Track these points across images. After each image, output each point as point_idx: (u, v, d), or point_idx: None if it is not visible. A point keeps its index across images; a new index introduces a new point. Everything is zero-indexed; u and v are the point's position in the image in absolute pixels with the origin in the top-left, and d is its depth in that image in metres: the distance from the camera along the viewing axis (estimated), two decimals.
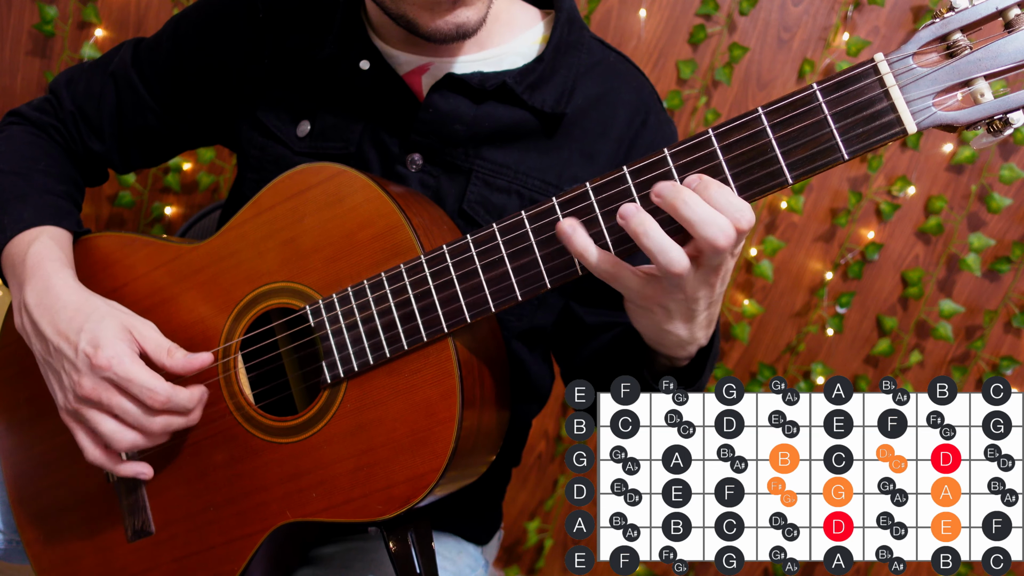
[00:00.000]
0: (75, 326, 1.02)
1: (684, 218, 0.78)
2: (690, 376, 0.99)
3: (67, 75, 1.30)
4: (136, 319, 1.04)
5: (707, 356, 0.98)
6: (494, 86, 1.09)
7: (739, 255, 2.01)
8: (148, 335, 1.02)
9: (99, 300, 1.06)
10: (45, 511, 1.17)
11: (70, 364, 1.01)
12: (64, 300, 1.04)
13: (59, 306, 1.04)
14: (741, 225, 0.78)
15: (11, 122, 1.29)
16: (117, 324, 1.02)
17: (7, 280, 1.14)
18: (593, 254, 0.84)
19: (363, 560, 1.19)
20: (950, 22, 0.77)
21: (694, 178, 0.80)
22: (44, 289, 1.06)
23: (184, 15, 1.27)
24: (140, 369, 0.99)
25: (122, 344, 1.00)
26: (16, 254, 1.11)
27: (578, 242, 0.84)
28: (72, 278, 1.08)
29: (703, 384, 1.00)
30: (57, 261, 1.09)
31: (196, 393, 1.03)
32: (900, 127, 0.77)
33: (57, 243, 1.12)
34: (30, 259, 1.09)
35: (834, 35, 1.92)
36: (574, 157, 1.13)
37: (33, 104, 1.30)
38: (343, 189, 1.00)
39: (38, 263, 1.08)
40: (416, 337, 0.95)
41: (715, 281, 0.84)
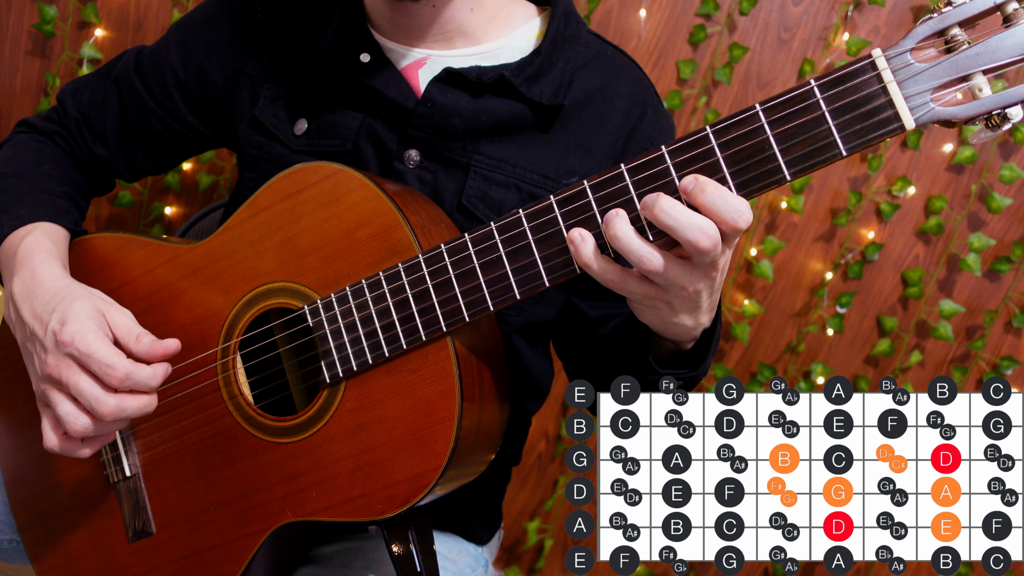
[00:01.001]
0: (49, 308, 1.00)
1: (664, 224, 0.80)
2: (695, 358, 1.00)
3: (74, 85, 1.32)
4: (113, 305, 1.03)
5: (711, 337, 0.99)
6: (492, 79, 1.09)
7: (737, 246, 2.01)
8: (120, 321, 1.00)
9: (80, 287, 1.05)
10: (46, 512, 1.18)
11: (40, 345, 1.00)
12: (45, 286, 1.04)
13: (40, 291, 1.03)
14: (739, 224, 0.79)
15: (19, 131, 1.31)
16: (89, 305, 1.00)
17: (3, 276, 1.14)
18: (599, 266, 0.85)
19: (363, 559, 1.19)
20: (948, 17, 0.76)
21: (690, 179, 0.80)
22: (29, 277, 1.05)
23: (183, 21, 1.29)
24: (101, 345, 0.97)
25: (89, 321, 0.98)
26: (10, 248, 1.11)
27: (584, 254, 0.85)
28: (59, 268, 1.08)
29: (707, 366, 1.02)
30: (46, 252, 1.09)
31: (158, 371, 0.99)
32: (898, 123, 0.77)
33: (50, 237, 1.12)
34: (21, 251, 1.09)
35: (834, 35, 1.92)
36: (572, 150, 1.13)
37: (42, 115, 1.32)
38: (340, 188, 1.00)
39: (28, 254, 1.08)
40: (415, 336, 0.95)
41: (714, 274, 0.85)
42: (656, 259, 0.82)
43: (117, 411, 0.97)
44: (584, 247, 0.84)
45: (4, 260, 1.12)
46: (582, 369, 1.20)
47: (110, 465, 1.13)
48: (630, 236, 0.82)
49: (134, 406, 0.98)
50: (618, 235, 0.82)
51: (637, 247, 0.82)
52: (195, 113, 1.27)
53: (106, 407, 0.96)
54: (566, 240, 0.87)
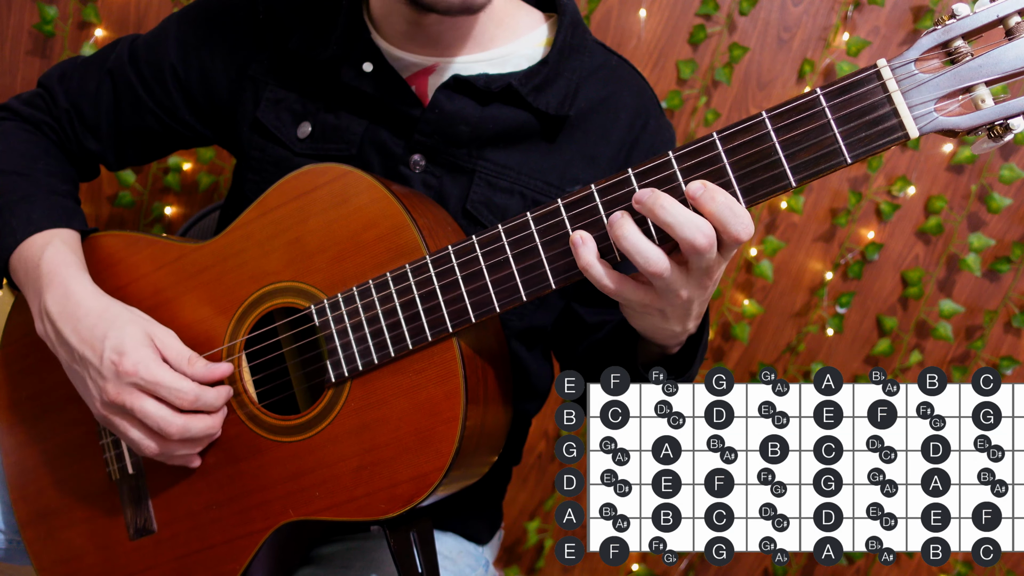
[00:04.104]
0: (99, 333, 1.03)
1: (663, 221, 0.81)
2: (681, 363, 1.01)
3: (59, 69, 1.28)
4: (157, 326, 1.06)
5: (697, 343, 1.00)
6: (499, 88, 1.10)
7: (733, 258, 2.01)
8: (169, 343, 1.04)
9: (120, 306, 1.07)
10: (46, 509, 1.18)
11: (95, 371, 1.02)
12: (86, 307, 1.05)
13: (81, 313, 1.05)
14: (742, 236, 0.81)
15: (2, 118, 1.27)
16: (140, 331, 1.03)
17: (20, 284, 1.13)
18: (597, 270, 0.86)
19: (364, 559, 1.19)
20: (952, 29, 0.77)
21: (698, 186, 0.81)
22: (64, 296, 1.06)
23: (183, 16, 1.26)
24: (166, 372, 1.01)
25: (147, 349, 1.01)
26: (29, 258, 1.11)
27: (584, 256, 0.86)
28: (90, 282, 1.09)
29: (694, 373, 1.03)
30: (73, 266, 1.09)
31: (222, 392, 1.04)
32: (902, 132, 0.78)
33: (69, 247, 1.12)
34: (45, 264, 1.09)
35: (834, 35, 1.92)
36: (576, 159, 1.13)
37: (23, 98, 1.27)
38: (349, 190, 1.00)
39: (55, 269, 1.08)
40: (421, 337, 0.95)
41: (708, 283, 0.86)
42: (662, 260, 0.82)
43: (183, 430, 1.01)
44: (585, 249, 0.85)
45: (24, 269, 1.12)
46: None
47: (112, 462, 1.13)
48: (637, 236, 0.83)
49: (199, 426, 1.02)
50: (625, 235, 0.83)
51: (644, 247, 0.82)
52: (194, 112, 1.25)
53: (173, 427, 1.01)
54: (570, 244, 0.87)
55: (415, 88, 1.13)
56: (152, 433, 1.02)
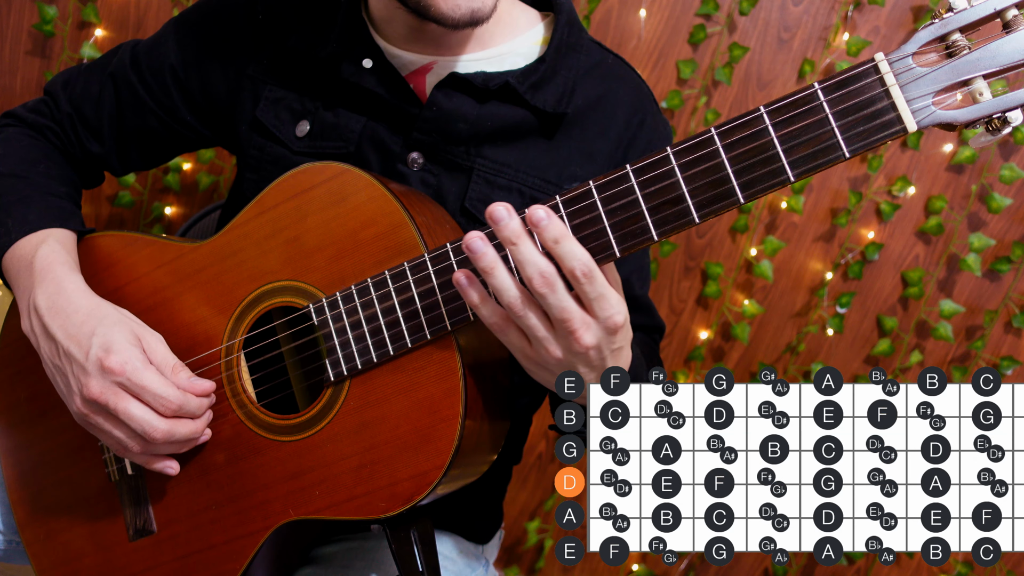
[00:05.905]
0: (86, 330, 1.02)
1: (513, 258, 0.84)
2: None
3: (63, 76, 1.30)
4: (146, 329, 1.05)
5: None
6: (497, 86, 1.10)
7: (738, 246, 2.01)
8: (156, 348, 1.03)
9: (110, 307, 1.06)
10: (45, 510, 1.18)
11: (79, 367, 1.01)
12: (76, 304, 1.05)
13: (71, 309, 1.04)
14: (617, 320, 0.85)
15: (6, 124, 1.28)
16: (128, 331, 1.03)
17: (11, 282, 1.13)
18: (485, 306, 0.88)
19: (365, 559, 1.19)
20: (949, 23, 0.77)
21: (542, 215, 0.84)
22: (55, 292, 1.06)
23: (183, 18, 1.27)
24: (153, 376, 1.00)
25: (134, 350, 1.01)
26: (23, 256, 1.11)
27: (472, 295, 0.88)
28: (82, 282, 1.09)
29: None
30: (66, 265, 1.09)
31: (204, 403, 1.04)
32: (900, 125, 0.78)
33: (64, 246, 1.12)
34: (38, 262, 1.09)
35: (834, 35, 1.92)
36: (574, 156, 1.14)
37: (28, 106, 1.29)
38: (347, 188, 1.00)
39: (47, 266, 1.08)
40: (420, 335, 0.95)
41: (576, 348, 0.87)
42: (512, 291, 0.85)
43: (168, 435, 1.01)
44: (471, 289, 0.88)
45: (16, 267, 1.12)
46: None
47: (111, 463, 1.13)
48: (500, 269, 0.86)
49: (183, 431, 1.02)
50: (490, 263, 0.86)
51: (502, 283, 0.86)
52: (194, 113, 1.26)
53: (158, 431, 1.00)
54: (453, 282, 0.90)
55: (413, 86, 1.13)
56: (134, 435, 1.01)
